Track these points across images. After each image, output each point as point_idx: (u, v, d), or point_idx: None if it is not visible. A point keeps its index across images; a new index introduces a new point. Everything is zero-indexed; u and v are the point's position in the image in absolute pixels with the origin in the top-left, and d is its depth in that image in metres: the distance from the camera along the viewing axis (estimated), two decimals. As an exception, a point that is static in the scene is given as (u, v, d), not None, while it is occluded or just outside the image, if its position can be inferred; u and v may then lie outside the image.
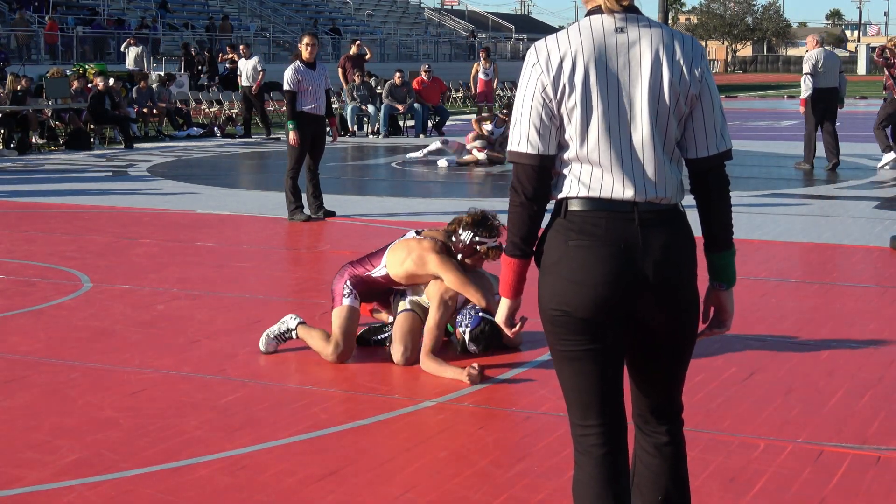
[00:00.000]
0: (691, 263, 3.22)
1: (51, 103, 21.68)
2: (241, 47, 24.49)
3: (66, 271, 9.09)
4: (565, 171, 3.19)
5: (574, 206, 3.17)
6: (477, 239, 6.40)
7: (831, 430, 5.26)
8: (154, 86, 25.01)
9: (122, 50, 30.53)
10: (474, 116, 20.36)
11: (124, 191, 14.61)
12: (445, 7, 78.59)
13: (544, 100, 3.15)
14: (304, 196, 11.96)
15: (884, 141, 16.70)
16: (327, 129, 12.18)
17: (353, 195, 14.27)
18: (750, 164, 17.63)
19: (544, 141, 3.16)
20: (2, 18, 35.07)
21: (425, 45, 53.93)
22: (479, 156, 17.88)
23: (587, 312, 3.15)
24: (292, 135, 11.66)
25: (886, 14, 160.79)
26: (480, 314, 6.37)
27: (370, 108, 24.49)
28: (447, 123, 25.24)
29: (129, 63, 28.88)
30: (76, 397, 5.81)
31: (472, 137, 18.32)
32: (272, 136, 23.38)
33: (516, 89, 3.28)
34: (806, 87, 16.53)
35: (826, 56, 16.58)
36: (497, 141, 18.14)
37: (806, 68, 16.54)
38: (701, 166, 3.24)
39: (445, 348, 6.54)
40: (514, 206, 3.22)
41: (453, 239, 6.48)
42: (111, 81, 22.75)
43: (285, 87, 11.73)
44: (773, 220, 11.65)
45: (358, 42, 26.40)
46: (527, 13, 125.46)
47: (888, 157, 16.61)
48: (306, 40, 11.86)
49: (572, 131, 3.15)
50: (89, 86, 22.76)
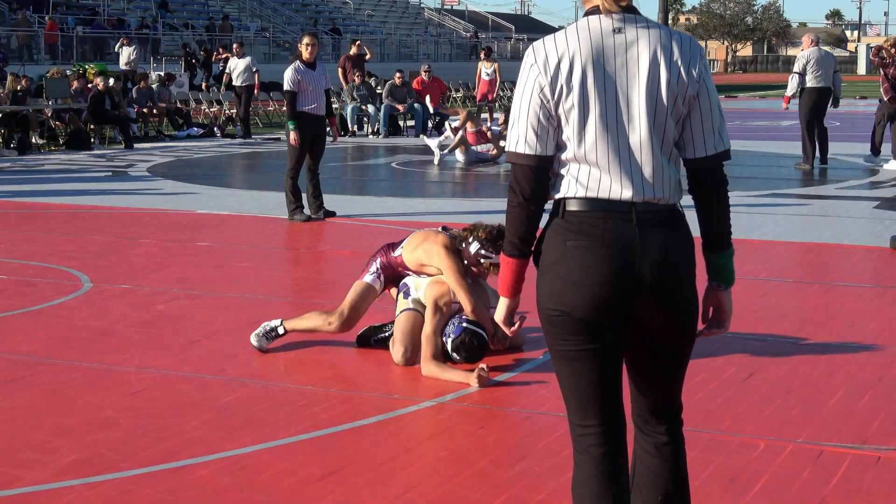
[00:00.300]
0: (690, 263, 3.22)
1: (51, 103, 21.67)
2: (235, 46, 24.29)
3: (66, 271, 9.09)
4: (563, 172, 3.20)
5: (572, 207, 3.17)
6: (483, 252, 6.45)
7: (831, 430, 5.26)
8: (154, 86, 25.00)
9: (116, 50, 30.46)
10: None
11: (124, 191, 14.61)
12: (445, 7, 78.61)
13: (542, 101, 3.15)
14: (304, 196, 11.96)
15: (879, 142, 16.75)
16: (327, 129, 12.19)
17: (353, 195, 14.27)
18: (750, 164, 17.63)
19: (542, 142, 3.16)
20: (2, 18, 35.06)
21: (425, 45, 53.93)
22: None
23: (585, 313, 3.15)
24: (293, 135, 11.66)
25: (886, 14, 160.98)
26: (464, 324, 6.34)
27: (370, 108, 24.49)
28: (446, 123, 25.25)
29: (122, 63, 28.82)
30: (76, 397, 5.81)
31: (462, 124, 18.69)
32: (250, 137, 23.31)
33: (514, 90, 3.29)
34: (791, 86, 16.60)
35: (820, 56, 16.60)
36: (495, 138, 18.36)
37: (796, 67, 16.60)
38: (699, 166, 3.24)
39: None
40: (512, 207, 3.23)
41: (463, 245, 6.54)
42: (111, 81, 22.74)
43: (285, 87, 11.73)
44: (773, 220, 11.65)
45: (358, 42, 26.37)
46: (527, 13, 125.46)
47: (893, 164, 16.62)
48: (306, 40, 11.86)
49: (570, 132, 3.15)
50: (89, 86, 22.75)
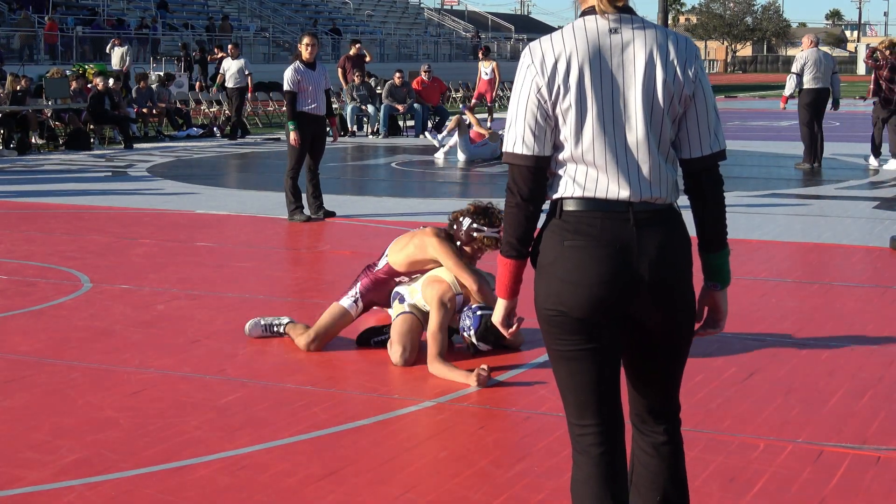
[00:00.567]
0: (687, 263, 3.22)
1: (50, 103, 21.67)
2: (230, 47, 24.10)
3: (66, 271, 9.09)
4: (560, 172, 3.20)
5: (569, 207, 3.17)
6: (475, 226, 6.50)
7: (831, 430, 5.26)
8: (154, 86, 25.00)
9: (108, 51, 30.40)
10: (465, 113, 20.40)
11: (124, 191, 14.61)
12: (445, 7, 78.62)
13: (539, 101, 3.15)
14: (303, 196, 11.96)
15: (878, 144, 16.79)
16: (327, 128, 12.19)
17: (353, 195, 14.27)
18: (749, 164, 17.64)
19: (539, 142, 3.17)
20: (2, 19, 35.05)
21: (425, 45, 53.94)
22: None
23: (583, 312, 3.16)
24: (293, 135, 11.65)
25: (886, 14, 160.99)
26: (479, 312, 6.37)
27: (370, 109, 24.49)
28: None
29: (114, 63, 28.75)
30: (76, 397, 5.81)
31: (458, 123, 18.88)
32: (241, 138, 23.24)
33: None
34: (789, 86, 16.68)
35: (818, 56, 16.63)
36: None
37: (794, 67, 16.67)
38: (695, 166, 3.24)
39: (451, 350, 6.53)
40: (509, 207, 3.23)
41: (454, 227, 6.59)
42: (111, 82, 22.74)
43: (285, 87, 11.73)
44: (772, 220, 11.66)
45: (358, 45, 26.31)
46: (526, 13, 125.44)
47: (874, 161, 16.69)
48: (306, 40, 11.86)
49: (567, 132, 3.15)
50: (88, 86, 22.75)
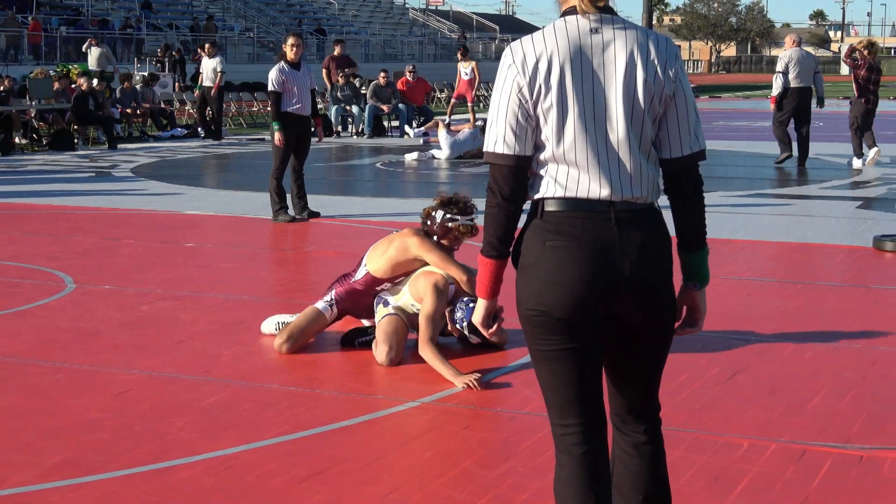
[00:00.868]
0: (668, 262, 3.24)
1: (34, 104, 21.60)
2: (207, 46, 23.88)
3: (50, 272, 9.07)
4: (542, 172, 3.21)
5: (550, 207, 3.18)
6: (449, 216, 6.58)
7: (815, 429, 5.29)
8: (138, 86, 24.94)
9: (84, 50, 30.27)
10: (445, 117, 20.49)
11: (108, 191, 14.57)
12: (430, 7, 78.60)
13: (520, 100, 3.16)
14: (288, 197, 11.95)
15: (855, 144, 16.91)
16: (312, 129, 12.18)
17: (338, 195, 14.26)
18: (734, 164, 17.69)
19: (520, 142, 3.17)
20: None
21: (410, 45, 53.93)
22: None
23: (564, 312, 3.17)
24: (277, 135, 11.64)
25: (870, 14, 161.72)
26: (471, 305, 6.39)
27: (354, 109, 24.47)
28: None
29: (91, 63, 28.63)
30: (61, 399, 5.80)
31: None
32: (224, 139, 23.14)
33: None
34: (777, 86, 16.79)
35: (801, 56, 16.80)
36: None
37: (779, 66, 16.85)
38: (675, 166, 3.26)
39: (447, 348, 6.52)
40: (490, 207, 3.24)
41: (428, 223, 6.65)
42: (94, 82, 22.68)
43: (270, 87, 11.72)
44: (756, 220, 11.69)
45: (341, 45, 26.23)
46: (511, 13, 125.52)
47: (858, 162, 16.86)
48: (291, 41, 11.84)
49: (549, 131, 3.16)
50: (73, 86, 22.69)
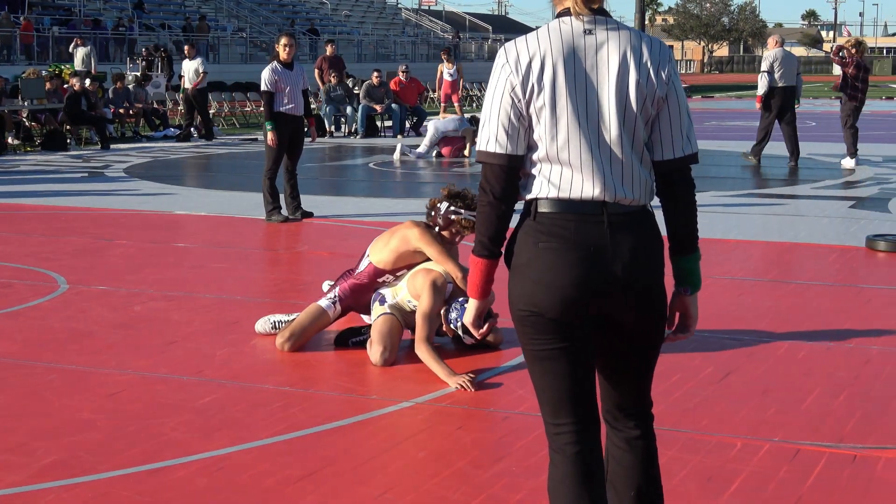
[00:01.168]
0: (659, 264, 3.25)
1: (26, 104, 21.56)
2: (186, 47, 23.80)
3: (42, 273, 9.05)
4: (534, 172, 3.22)
5: (543, 208, 3.19)
6: (453, 208, 6.60)
7: (808, 429, 5.29)
8: (130, 86, 24.91)
9: (70, 50, 30.18)
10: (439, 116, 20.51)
11: (101, 192, 14.55)
12: (423, 7, 78.59)
13: (513, 100, 3.17)
14: (281, 197, 11.94)
15: (849, 143, 17.05)
16: (305, 129, 12.17)
17: (331, 196, 14.25)
18: (726, 164, 17.71)
19: (513, 141, 3.18)
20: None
21: (402, 45, 53.91)
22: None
23: (555, 313, 3.18)
24: (270, 135, 11.64)
25: (862, 14, 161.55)
26: (465, 305, 6.39)
27: (347, 109, 24.46)
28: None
29: (77, 64, 28.54)
30: (53, 399, 5.79)
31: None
32: (216, 138, 23.10)
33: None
34: (762, 85, 16.94)
35: (785, 56, 17.06)
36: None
37: (764, 66, 17.06)
38: (666, 168, 3.27)
39: (442, 349, 6.52)
40: (482, 206, 3.24)
41: (432, 213, 6.68)
42: (87, 82, 22.64)
43: (262, 87, 11.71)
44: (749, 220, 11.70)
45: (332, 45, 26.21)
46: (504, 14, 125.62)
47: (849, 162, 16.98)
48: (284, 41, 11.83)
49: (541, 131, 3.17)
50: (65, 86, 22.65)
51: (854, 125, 17.06)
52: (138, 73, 27.49)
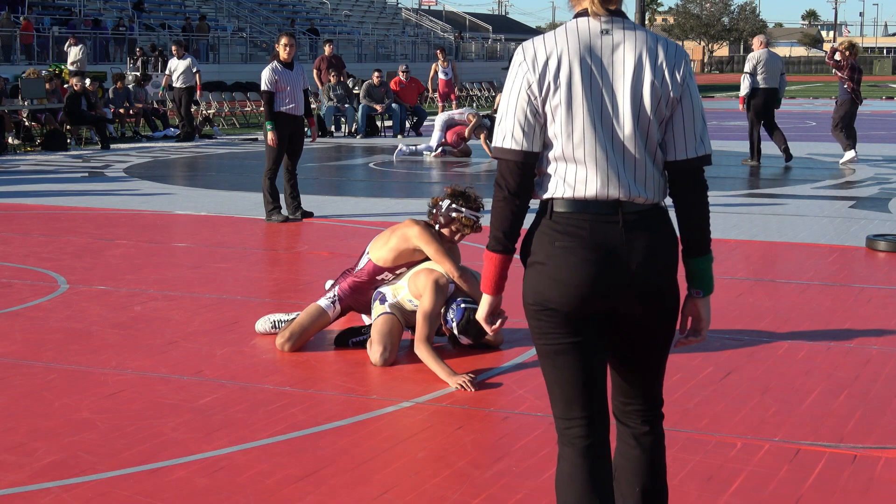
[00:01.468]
0: (673, 262, 3.29)
1: (27, 104, 21.56)
2: (174, 47, 23.70)
3: (42, 272, 9.05)
4: (550, 171, 3.25)
5: (559, 208, 3.23)
6: (454, 206, 6.61)
7: (808, 428, 5.29)
8: (130, 86, 24.91)
9: (65, 49, 30.16)
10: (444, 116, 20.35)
11: (101, 192, 14.55)
12: (423, 7, 78.58)
13: (529, 97, 3.21)
14: (281, 197, 11.94)
15: (843, 140, 17.23)
16: (305, 129, 12.16)
17: (331, 196, 14.25)
18: (726, 163, 17.70)
19: (528, 138, 3.22)
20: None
21: (402, 45, 53.89)
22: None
23: (570, 309, 3.22)
24: (270, 135, 11.63)
25: (862, 14, 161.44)
26: (463, 305, 6.39)
27: (347, 109, 24.45)
28: (424, 123, 25.25)
29: (70, 63, 28.45)
30: (53, 399, 5.79)
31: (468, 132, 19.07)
32: (201, 136, 22.94)
33: (492, 90, 3.32)
34: (745, 86, 17.13)
35: (769, 57, 17.21)
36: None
37: (747, 67, 17.21)
38: (679, 169, 3.29)
39: (442, 350, 6.51)
40: (497, 201, 3.28)
41: (434, 211, 6.69)
42: (87, 82, 22.63)
43: (263, 87, 11.71)
44: (749, 220, 11.70)
45: (330, 44, 26.19)
46: (504, 14, 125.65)
47: (849, 154, 17.25)
48: (284, 41, 11.83)
49: (556, 129, 3.21)
50: (65, 86, 22.64)
51: (852, 125, 17.18)
52: (138, 73, 27.46)
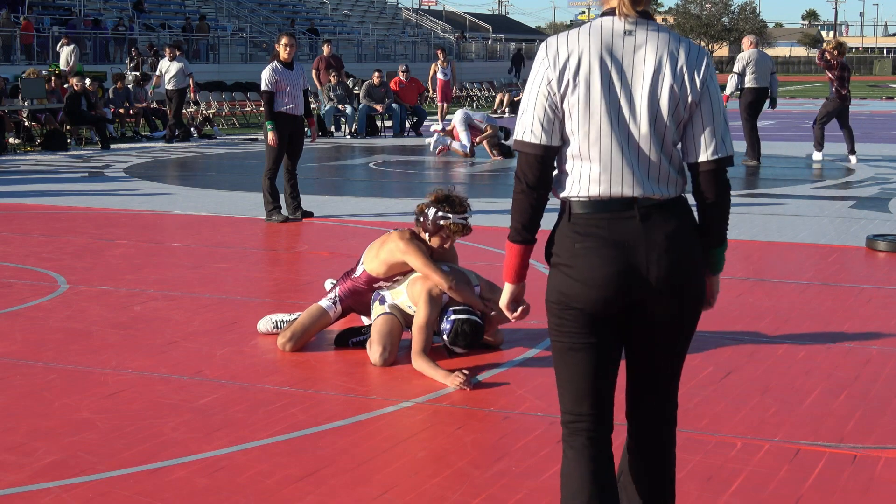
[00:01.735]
0: (694, 252, 3.33)
1: (27, 104, 21.55)
2: (166, 49, 23.65)
3: (42, 272, 9.05)
4: (567, 168, 3.32)
5: (577, 209, 3.30)
6: (441, 214, 6.54)
7: (808, 428, 5.29)
8: (130, 86, 24.90)
9: (57, 49, 30.12)
10: (445, 120, 20.37)
11: (101, 192, 14.55)
12: (423, 7, 78.57)
13: (548, 93, 3.28)
14: (281, 197, 11.94)
15: (818, 138, 17.43)
16: (305, 129, 12.17)
17: (331, 196, 14.25)
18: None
19: (547, 133, 3.29)
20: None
21: (403, 45, 53.89)
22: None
23: (592, 308, 3.29)
24: (270, 135, 11.63)
25: (862, 14, 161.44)
26: (453, 316, 6.37)
27: (347, 109, 24.45)
28: (424, 124, 25.24)
29: (62, 63, 28.44)
30: (53, 399, 5.79)
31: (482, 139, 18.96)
32: (181, 137, 22.85)
33: (492, 90, 3.36)
34: (731, 86, 17.26)
35: (759, 57, 17.30)
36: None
37: (736, 68, 17.36)
38: (700, 170, 3.36)
39: (435, 350, 6.52)
40: (517, 193, 3.36)
41: (421, 219, 6.61)
42: (87, 82, 22.63)
43: (263, 87, 11.70)
44: (749, 220, 11.70)
45: (328, 44, 26.17)
46: (504, 14, 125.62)
47: (817, 156, 17.43)
48: (284, 41, 11.83)
49: (573, 126, 3.27)
50: (65, 86, 22.64)
51: (847, 125, 17.24)
52: (138, 73, 27.45)
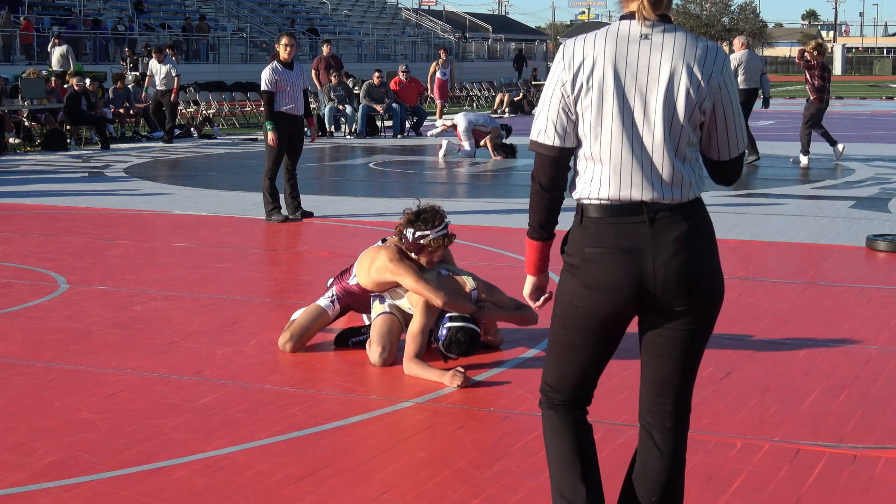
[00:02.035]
0: (708, 253, 3.34)
1: (27, 104, 21.55)
2: (154, 51, 23.62)
3: (42, 272, 9.05)
4: (580, 169, 3.35)
5: (589, 213, 3.32)
6: (418, 234, 6.47)
7: (808, 428, 5.29)
8: (130, 86, 24.89)
9: (49, 49, 30.11)
10: (442, 120, 20.33)
11: (101, 192, 14.55)
12: (423, 7, 78.57)
13: (563, 95, 3.31)
14: (281, 197, 11.94)
15: (805, 142, 17.35)
16: (305, 129, 12.17)
17: (331, 196, 14.25)
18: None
19: (561, 134, 3.32)
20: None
21: (403, 45, 53.89)
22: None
23: (599, 313, 3.32)
24: (270, 135, 11.63)
25: (862, 14, 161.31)
26: (448, 323, 6.35)
27: (347, 109, 24.45)
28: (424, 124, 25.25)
29: (54, 63, 28.42)
30: (53, 399, 5.79)
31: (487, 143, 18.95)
32: (174, 139, 22.87)
33: (492, 90, 3.37)
34: None
35: (749, 58, 17.44)
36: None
37: None
38: (717, 165, 3.45)
39: (428, 351, 6.52)
40: (532, 194, 3.41)
41: (402, 241, 6.57)
42: (87, 82, 22.63)
43: (263, 87, 11.70)
44: (749, 220, 11.70)
45: (328, 44, 26.16)
46: (504, 14, 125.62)
47: (804, 159, 17.26)
48: (284, 41, 11.83)
49: (586, 129, 3.30)
50: (65, 86, 22.63)
51: (820, 125, 17.24)
52: (138, 73, 27.45)
